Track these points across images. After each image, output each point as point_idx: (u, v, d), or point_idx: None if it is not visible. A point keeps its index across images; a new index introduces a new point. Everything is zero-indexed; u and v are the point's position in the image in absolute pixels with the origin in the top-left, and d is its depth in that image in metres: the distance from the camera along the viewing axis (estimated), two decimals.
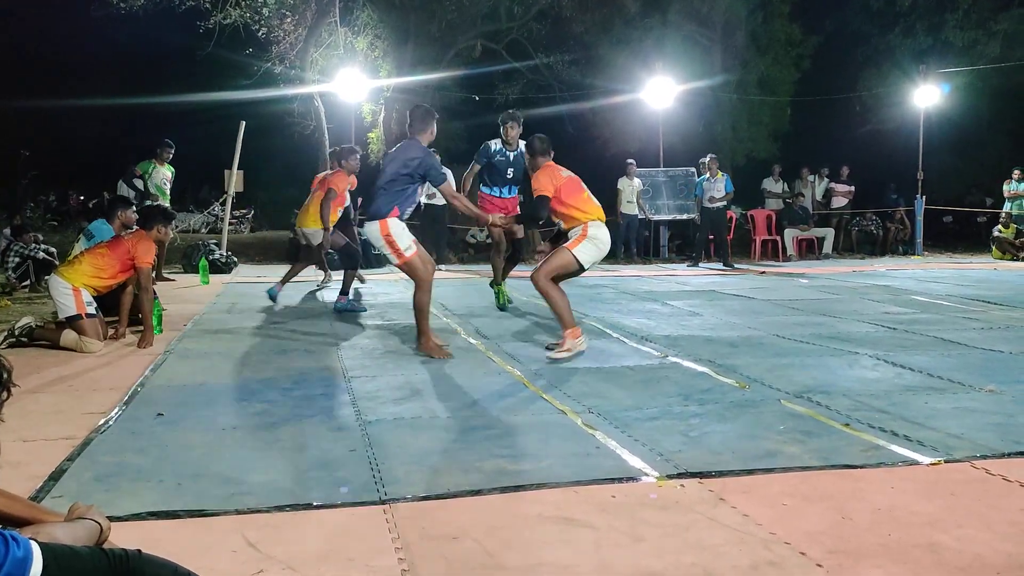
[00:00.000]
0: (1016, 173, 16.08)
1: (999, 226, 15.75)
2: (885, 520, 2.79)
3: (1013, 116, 21.42)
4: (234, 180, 14.37)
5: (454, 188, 6.19)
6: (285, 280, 8.84)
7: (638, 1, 19.95)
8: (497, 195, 7.89)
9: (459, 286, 10.39)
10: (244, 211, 24.42)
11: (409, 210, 5.86)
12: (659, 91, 17.10)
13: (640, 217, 15.43)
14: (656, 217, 16.04)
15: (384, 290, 9.63)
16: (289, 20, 17.46)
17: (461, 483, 3.13)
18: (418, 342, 5.78)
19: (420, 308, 5.71)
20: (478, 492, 3.05)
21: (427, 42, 18.83)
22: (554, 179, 5.81)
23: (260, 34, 17.25)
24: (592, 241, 5.73)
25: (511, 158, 7.76)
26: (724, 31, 21.29)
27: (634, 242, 15.51)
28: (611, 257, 14.66)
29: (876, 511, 2.87)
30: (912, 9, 21.14)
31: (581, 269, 5.76)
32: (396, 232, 5.62)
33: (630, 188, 15.13)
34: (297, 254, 10.58)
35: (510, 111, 8.09)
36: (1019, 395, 4.52)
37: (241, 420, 4.06)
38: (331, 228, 8.32)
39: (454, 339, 6.43)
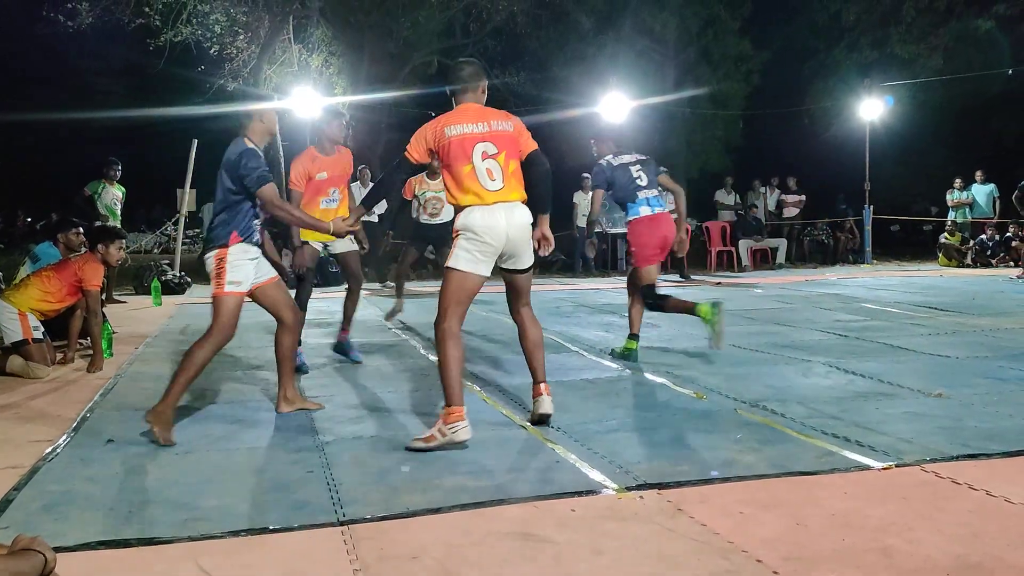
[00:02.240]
0: (958, 182, 16.52)
1: (945, 234, 16.14)
2: (839, 525, 2.83)
3: (954, 127, 22.02)
4: (187, 199, 14.19)
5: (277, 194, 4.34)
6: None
7: (592, 18, 20.18)
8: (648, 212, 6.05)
9: (418, 303, 10.35)
10: (198, 231, 24.12)
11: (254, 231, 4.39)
12: (614, 106, 17.27)
13: (597, 231, 15.52)
14: (612, 230, 16.15)
15: (339, 308, 9.54)
16: (242, 37, 17.36)
17: (420, 501, 3.11)
18: (154, 408, 4.09)
19: (188, 365, 4.15)
20: (437, 510, 3.03)
21: (383, 59, 18.84)
22: (437, 137, 4.13)
23: (212, 52, 17.11)
24: (463, 237, 4.06)
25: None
26: (676, 47, 21.62)
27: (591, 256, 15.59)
28: (569, 270, 14.76)
29: (830, 516, 2.91)
30: (856, 24, 21.66)
31: (480, 276, 4.09)
32: (233, 261, 4.26)
33: (585, 202, 15.21)
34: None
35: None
36: (967, 399, 4.62)
37: (194, 444, 3.99)
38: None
39: (412, 355, 6.40)
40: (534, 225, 4.20)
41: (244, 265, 4.28)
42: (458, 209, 4.10)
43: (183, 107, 17.20)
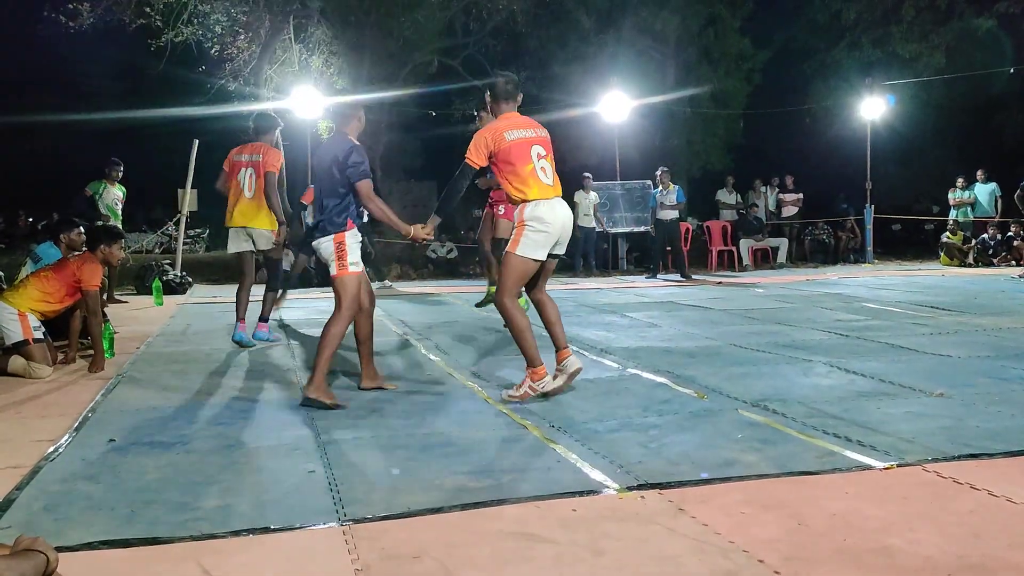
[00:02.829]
0: (960, 181, 16.51)
1: (947, 233, 16.13)
2: (840, 525, 2.83)
3: (956, 126, 22.01)
4: (187, 199, 14.20)
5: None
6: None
7: (592, 17, 20.19)
8: None
9: (418, 302, 10.36)
10: (199, 231, 24.12)
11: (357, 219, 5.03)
12: (615, 105, 17.26)
13: (598, 230, 15.54)
14: (613, 230, 16.16)
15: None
16: (242, 37, 17.37)
17: (421, 501, 3.11)
18: (307, 386, 4.72)
19: (328, 340, 4.74)
20: (438, 510, 3.03)
21: (383, 59, 18.85)
22: (497, 141, 4.70)
23: (213, 52, 17.13)
24: (530, 227, 4.71)
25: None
26: (677, 46, 21.62)
27: (592, 255, 15.60)
28: (569, 270, 14.77)
29: (831, 516, 2.91)
30: (857, 23, 21.65)
31: (540, 262, 4.81)
32: (350, 244, 4.87)
33: (587, 201, 15.23)
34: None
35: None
36: (968, 399, 4.62)
37: (196, 444, 3.99)
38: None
39: (413, 355, 6.40)
40: None
41: (356, 248, 4.90)
42: (516, 202, 4.75)
43: (184, 107, 17.21)
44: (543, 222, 4.70)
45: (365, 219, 5.42)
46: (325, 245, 4.87)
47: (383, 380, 5.19)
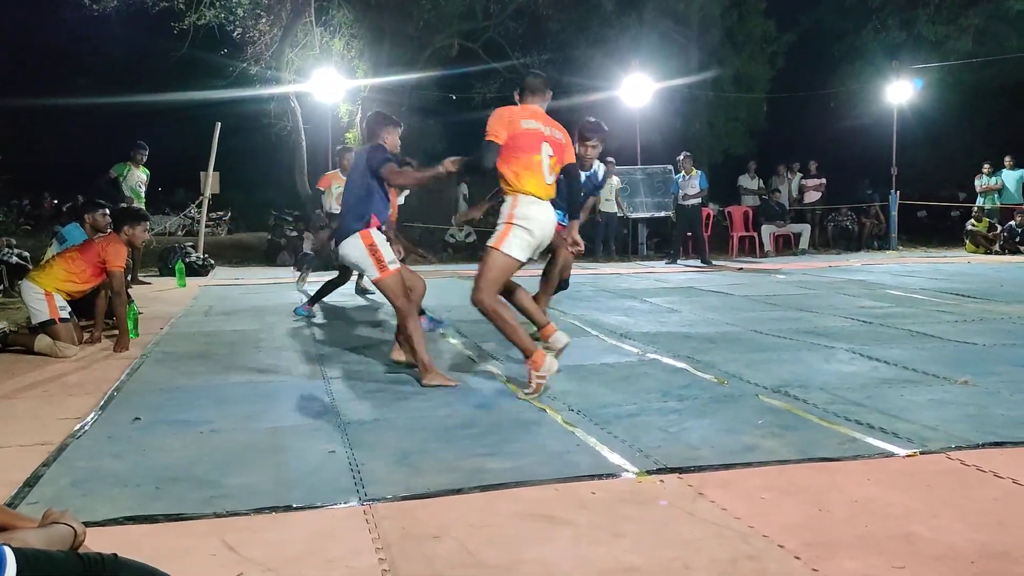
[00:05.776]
0: (987, 167, 16.28)
1: (972, 220, 15.93)
2: (861, 512, 2.82)
3: (984, 111, 21.68)
4: (210, 182, 14.30)
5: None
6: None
7: None
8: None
9: (439, 285, 10.37)
10: (221, 213, 24.26)
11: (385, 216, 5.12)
12: (636, 89, 17.15)
13: (619, 215, 15.49)
14: (634, 215, 16.09)
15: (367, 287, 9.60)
16: (264, 20, 17.40)
17: (441, 482, 3.13)
18: (421, 376, 4.79)
19: (411, 335, 4.85)
20: (459, 491, 3.05)
21: (403, 42, 18.81)
22: (512, 124, 4.59)
23: (235, 35, 17.18)
24: (518, 227, 4.56)
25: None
26: (700, 28, 21.42)
27: (613, 240, 15.56)
28: (590, 255, 14.72)
29: (853, 503, 2.90)
30: (884, 5, 21.36)
31: (522, 263, 4.69)
32: (379, 242, 4.90)
33: (608, 186, 15.16)
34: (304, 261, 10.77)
35: (592, 121, 5.99)
36: (993, 387, 4.58)
37: (219, 423, 4.03)
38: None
39: (432, 338, 6.42)
40: None
41: (386, 245, 4.93)
42: (507, 193, 4.61)
43: (206, 91, 17.27)
44: (533, 222, 4.58)
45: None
46: (353, 245, 4.87)
47: (445, 378, 4.88)
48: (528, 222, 4.55)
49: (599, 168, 6.40)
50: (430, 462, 3.39)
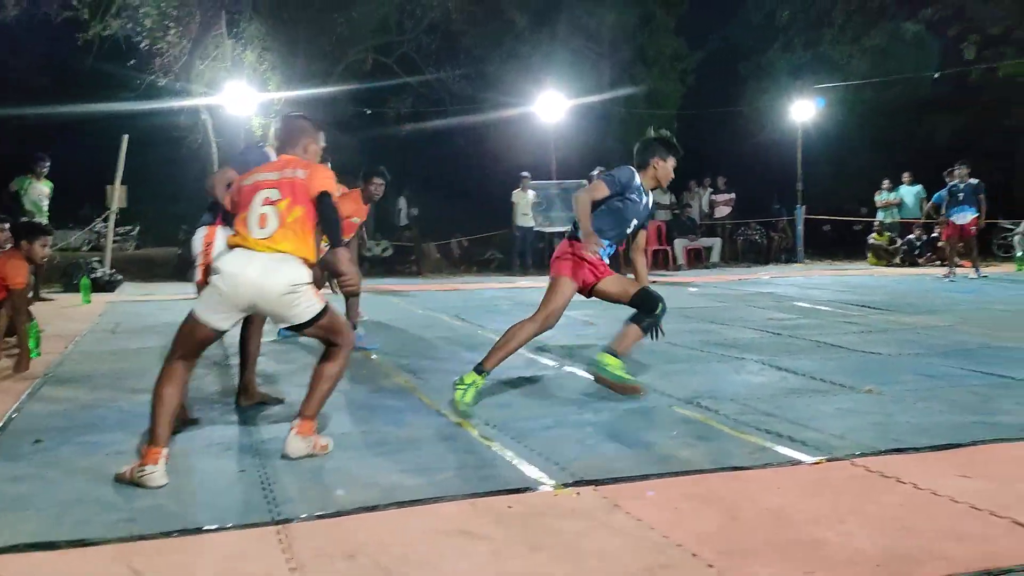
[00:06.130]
0: (886, 183, 16.97)
1: (873, 234, 16.56)
2: (772, 519, 2.89)
3: (883, 129, 22.52)
4: (117, 195, 13.85)
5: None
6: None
7: (527, 16, 20.19)
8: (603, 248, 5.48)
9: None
10: (129, 228, 23.51)
11: None
12: (550, 105, 17.32)
13: (535, 229, 15.60)
14: (550, 229, 16.22)
15: None
16: (173, 32, 16.95)
17: (356, 500, 3.08)
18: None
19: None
20: (374, 508, 3.01)
21: (317, 55, 18.59)
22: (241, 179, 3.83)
23: (142, 46, 16.70)
24: (212, 279, 3.57)
25: (645, 204, 5.39)
26: (611, 46, 21.75)
27: (529, 254, 15.65)
28: (507, 269, 14.78)
29: (764, 511, 2.97)
30: (791, 24, 22.06)
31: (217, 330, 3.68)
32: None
33: (525, 200, 15.27)
34: None
35: (665, 136, 5.58)
36: (897, 395, 4.75)
37: (126, 444, 3.89)
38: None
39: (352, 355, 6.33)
40: None
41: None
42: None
43: (113, 103, 16.74)
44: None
45: None
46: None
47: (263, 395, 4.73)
48: (215, 278, 3.55)
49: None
50: (345, 479, 3.34)
